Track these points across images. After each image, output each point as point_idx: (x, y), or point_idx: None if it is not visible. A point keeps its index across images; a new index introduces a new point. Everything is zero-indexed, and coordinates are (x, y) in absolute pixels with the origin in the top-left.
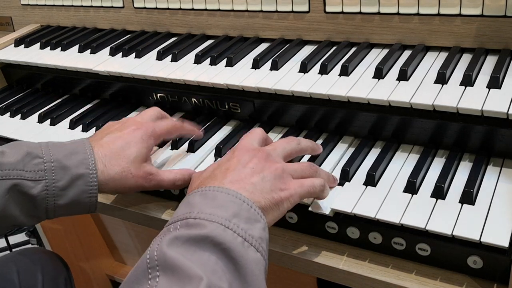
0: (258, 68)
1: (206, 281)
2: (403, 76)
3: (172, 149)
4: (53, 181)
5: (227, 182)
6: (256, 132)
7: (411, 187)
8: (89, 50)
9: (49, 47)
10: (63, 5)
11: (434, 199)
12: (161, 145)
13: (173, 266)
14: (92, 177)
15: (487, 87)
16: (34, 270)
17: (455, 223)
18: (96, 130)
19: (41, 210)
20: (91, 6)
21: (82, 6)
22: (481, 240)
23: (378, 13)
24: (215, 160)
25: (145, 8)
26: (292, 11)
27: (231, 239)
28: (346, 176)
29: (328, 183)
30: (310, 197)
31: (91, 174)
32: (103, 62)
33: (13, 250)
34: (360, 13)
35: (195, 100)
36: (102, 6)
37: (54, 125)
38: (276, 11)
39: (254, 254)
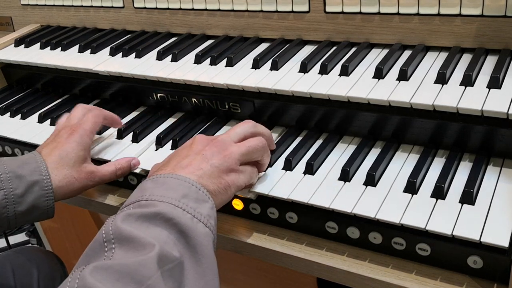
0: (258, 68)
1: (158, 248)
2: (403, 76)
3: (172, 149)
4: (11, 189)
5: (178, 168)
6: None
7: (411, 187)
8: (89, 50)
9: (49, 47)
10: (63, 5)
11: (434, 199)
12: (162, 145)
13: (128, 238)
14: (47, 182)
15: (487, 87)
16: (30, 268)
17: (455, 223)
18: None
19: (2, 219)
20: (91, 6)
21: (82, 6)
22: (481, 240)
23: (378, 13)
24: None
25: (145, 8)
26: (292, 11)
27: (180, 215)
28: (346, 176)
29: (272, 147)
30: (252, 181)
31: (45, 180)
32: (103, 62)
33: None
34: (360, 13)
35: (195, 100)
36: (102, 6)
37: (54, 125)
38: (276, 11)
39: (203, 229)
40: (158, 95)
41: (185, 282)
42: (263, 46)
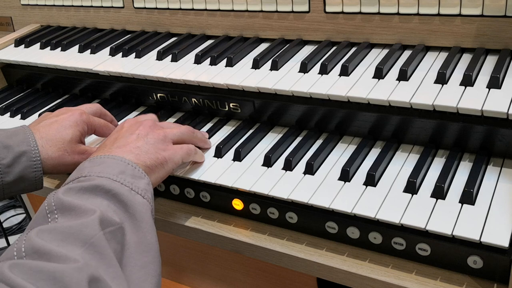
0: (258, 68)
1: (99, 213)
2: (403, 76)
3: None
4: None
5: (115, 147)
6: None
7: (411, 187)
8: (89, 50)
9: (49, 47)
10: (63, 5)
11: (434, 199)
12: None
13: (70, 207)
14: (35, 153)
15: (487, 87)
16: None
17: (455, 223)
18: None
19: None
20: (91, 6)
21: (82, 6)
22: (481, 240)
23: (378, 13)
24: (216, 161)
25: (145, 8)
26: (292, 11)
27: (119, 187)
28: (346, 176)
29: (203, 144)
30: (189, 159)
31: (33, 151)
32: (103, 62)
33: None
34: (360, 13)
35: (195, 100)
36: (102, 6)
37: None
38: (276, 11)
39: (141, 199)
40: (158, 95)
41: (127, 245)
42: (263, 46)
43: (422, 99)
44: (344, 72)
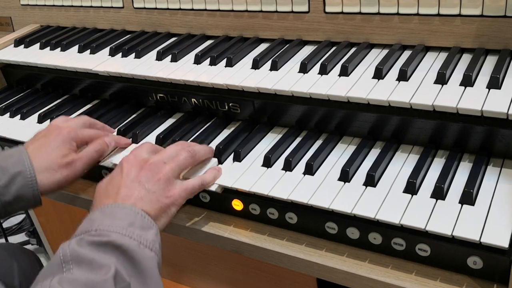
0: (258, 68)
1: (113, 270)
2: (403, 76)
3: None
4: None
5: (120, 198)
6: (145, 145)
7: (411, 188)
8: (88, 51)
9: (48, 47)
10: (63, 5)
11: (434, 200)
12: (162, 145)
13: (85, 259)
14: (29, 172)
15: (487, 88)
16: (11, 262)
17: (455, 224)
18: None
19: None
20: (91, 7)
21: (81, 6)
22: (481, 240)
23: (378, 13)
24: (216, 161)
25: (145, 8)
26: (292, 11)
27: (128, 242)
28: (346, 176)
29: (207, 155)
30: (196, 193)
31: (27, 170)
32: (102, 62)
33: None
34: (360, 13)
35: (195, 100)
36: (102, 7)
37: None
38: (276, 11)
39: (149, 253)
40: (158, 95)
41: None
42: (263, 46)
43: (422, 100)
44: (344, 72)
